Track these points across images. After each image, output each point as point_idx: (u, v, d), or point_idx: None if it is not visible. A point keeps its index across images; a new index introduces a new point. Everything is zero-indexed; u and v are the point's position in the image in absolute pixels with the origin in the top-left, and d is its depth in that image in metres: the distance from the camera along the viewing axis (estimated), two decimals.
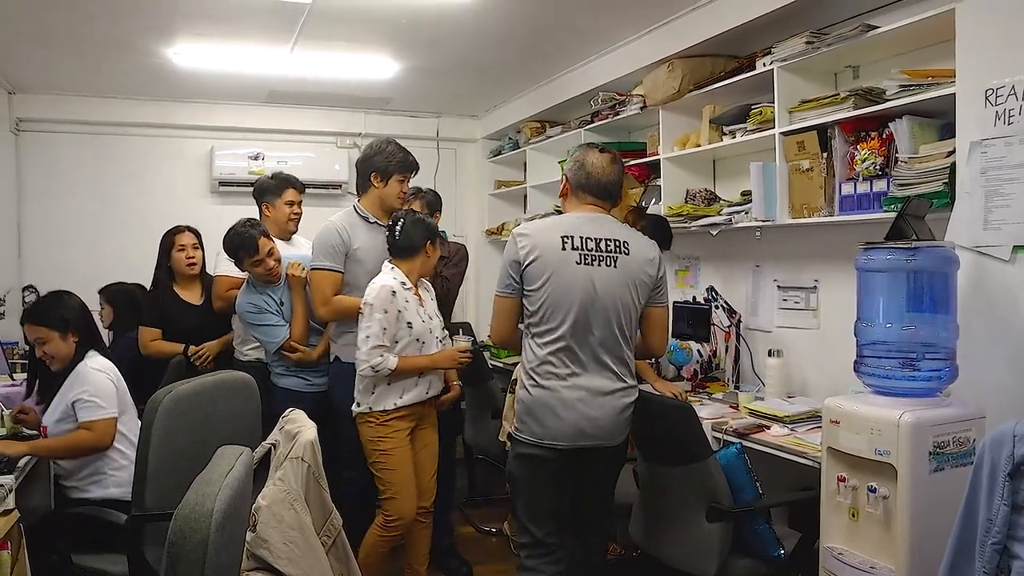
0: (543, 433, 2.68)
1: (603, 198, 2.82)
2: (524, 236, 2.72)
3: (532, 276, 2.68)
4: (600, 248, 2.70)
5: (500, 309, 2.79)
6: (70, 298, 3.23)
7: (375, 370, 3.14)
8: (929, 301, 2.57)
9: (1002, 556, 1.87)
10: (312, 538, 2.36)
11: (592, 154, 2.82)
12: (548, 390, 2.67)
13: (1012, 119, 2.50)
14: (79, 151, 5.83)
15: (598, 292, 2.67)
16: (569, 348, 2.67)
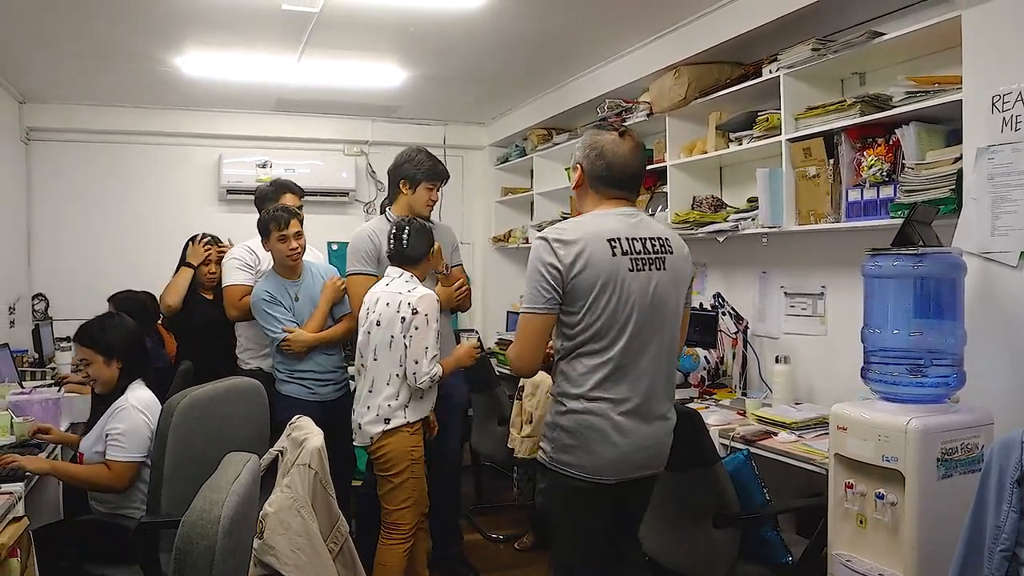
0: (592, 466, 2.31)
1: (629, 190, 2.44)
2: (566, 242, 2.27)
3: (580, 289, 2.26)
4: (648, 250, 2.35)
5: (533, 331, 2.33)
6: (121, 323, 3.15)
7: (434, 380, 3.16)
8: (936, 307, 2.56)
9: (1011, 563, 1.87)
10: (319, 545, 2.36)
11: (611, 139, 2.39)
12: (597, 416, 2.29)
13: (1019, 125, 2.49)
14: (88, 160, 5.87)
15: (654, 301, 2.32)
16: (622, 367, 2.30)
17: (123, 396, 3.00)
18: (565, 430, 2.32)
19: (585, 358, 2.30)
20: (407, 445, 3.19)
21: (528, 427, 3.71)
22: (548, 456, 2.37)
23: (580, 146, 2.45)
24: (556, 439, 2.34)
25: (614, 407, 2.29)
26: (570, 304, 2.28)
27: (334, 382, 3.74)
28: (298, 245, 3.69)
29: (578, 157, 2.45)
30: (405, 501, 3.21)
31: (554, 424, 2.35)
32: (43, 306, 5.72)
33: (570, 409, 2.31)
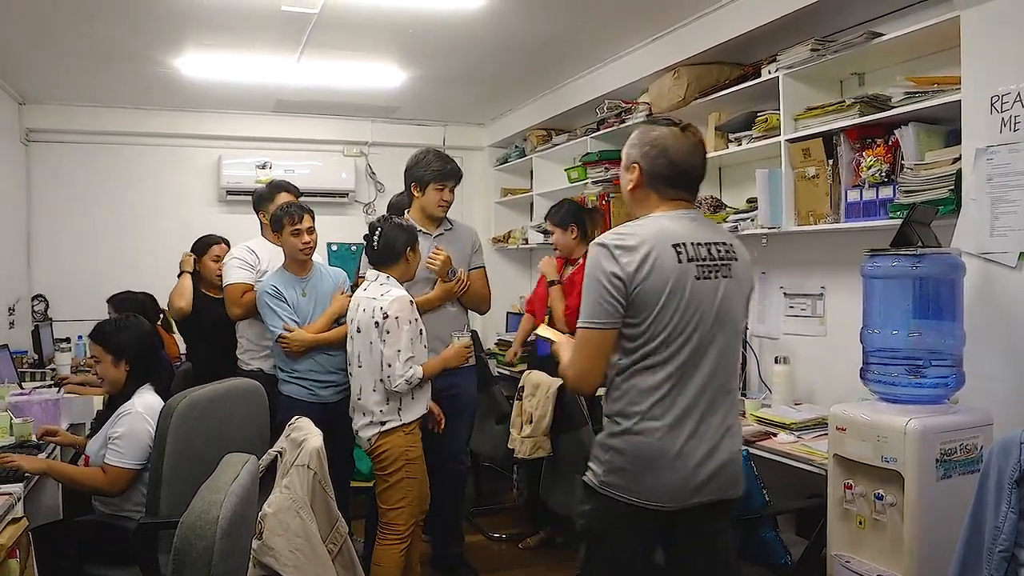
0: (649, 490, 2.09)
1: (691, 191, 2.23)
2: (629, 248, 2.05)
3: (646, 299, 2.04)
4: (713, 256, 2.14)
5: (595, 347, 2.10)
6: (137, 326, 3.13)
7: (410, 383, 3.15)
8: (935, 308, 2.56)
9: (1010, 564, 1.87)
10: (318, 545, 2.36)
11: (672, 135, 2.16)
12: (656, 438, 2.08)
13: (1018, 126, 2.50)
14: (88, 161, 5.87)
15: (719, 312, 2.12)
16: (684, 384, 2.09)
17: (130, 401, 2.99)
18: (619, 452, 2.11)
19: (645, 374, 2.09)
20: (402, 445, 3.21)
21: (528, 427, 3.71)
22: (598, 479, 2.15)
23: (635, 143, 2.21)
24: (608, 461, 2.12)
25: (674, 427, 2.08)
26: (633, 315, 2.06)
27: (335, 384, 3.74)
28: (311, 239, 3.72)
29: (633, 155, 2.20)
30: (400, 501, 3.23)
31: (606, 445, 2.15)
32: (43, 307, 5.72)
33: (626, 429, 2.10)
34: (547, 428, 3.64)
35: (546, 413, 3.62)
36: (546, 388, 3.67)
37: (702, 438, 2.10)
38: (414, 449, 3.25)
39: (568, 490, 3.64)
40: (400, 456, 3.21)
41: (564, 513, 3.75)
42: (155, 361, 3.17)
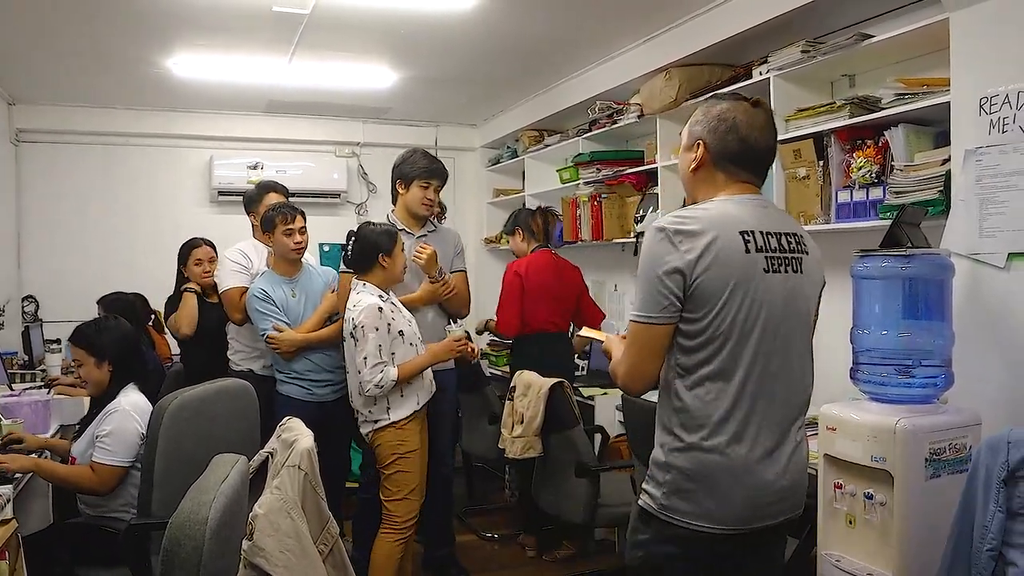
0: (718, 513, 1.86)
1: (760, 174, 2.01)
2: (690, 233, 1.82)
3: (707, 292, 1.82)
4: (784, 247, 1.92)
5: (647, 344, 1.88)
6: (117, 327, 3.13)
7: (379, 387, 3.18)
8: (925, 308, 2.57)
9: (997, 563, 1.88)
10: (309, 546, 2.35)
11: (744, 109, 1.95)
12: (723, 452, 1.85)
13: (1006, 127, 2.50)
14: (79, 161, 5.85)
15: (788, 310, 1.91)
16: (752, 390, 1.87)
17: (116, 400, 2.98)
18: (682, 471, 1.87)
19: (708, 381, 1.85)
20: (395, 440, 3.26)
21: (519, 427, 3.71)
22: (656, 503, 1.91)
23: (699, 118, 2.00)
24: (670, 482, 1.89)
25: (746, 440, 1.86)
26: (692, 310, 1.83)
27: (332, 383, 3.75)
28: (302, 239, 3.74)
29: (698, 132, 1.99)
30: (395, 493, 3.27)
31: (666, 464, 1.90)
32: (33, 308, 5.70)
33: (691, 445, 1.86)
34: (538, 428, 3.64)
35: (537, 413, 3.62)
36: (537, 388, 3.68)
37: (776, 453, 1.89)
38: (406, 444, 3.27)
39: (559, 490, 3.65)
40: (392, 450, 3.26)
41: (554, 513, 3.75)
42: (138, 361, 3.16)
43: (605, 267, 5.50)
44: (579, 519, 3.54)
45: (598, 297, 5.58)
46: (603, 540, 4.43)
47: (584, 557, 4.28)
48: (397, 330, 3.26)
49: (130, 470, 2.92)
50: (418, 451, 3.31)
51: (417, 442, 3.31)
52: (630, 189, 4.77)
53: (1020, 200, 2.47)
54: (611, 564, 4.17)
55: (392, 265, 3.33)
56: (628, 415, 3.22)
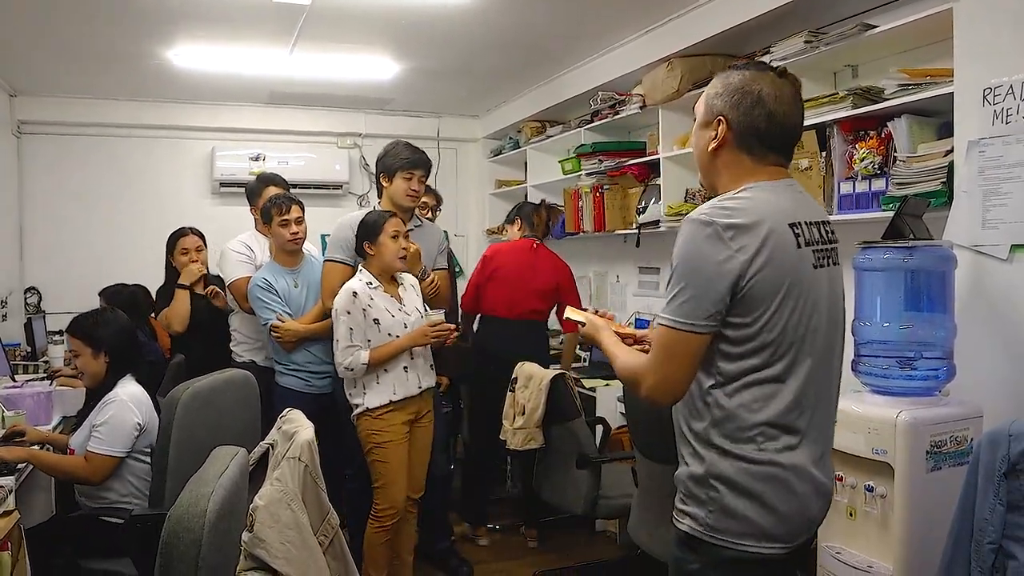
0: (777, 529, 1.66)
1: (789, 156, 1.79)
2: (743, 227, 1.61)
3: (760, 295, 1.62)
4: (824, 238, 1.74)
5: (686, 353, 1.65)
6: (114, 318, 3.13)
7: (349, 368, 3.26)
8: (927, 300, 2.57)
9: (997, 555, 1.88)
10: (309, 537, 2.35)
11: (769, 80, 1.72)
12: (769, 464, 1.66)
13: (1010, 118, 2.49)
14: (81, 153, 5.84)
15: (832, 309, 1.75)
16: (804, 395, 1.67)
17: (113, 391, 2.98)
18: (731, 484, 1.66)
19: (756, 386, 1.66)
20: (368, 429, 3.32)
21: (520, 419, 3.71)
22: (703, 525, 1.69)
23: (719, 91, 1.75)
24: (716, 499, 1.67)
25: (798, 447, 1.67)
26: (741, 314, 1.63)
27: (332, 375, 3.75)
28: (299, 230, 3.75)
29: (719, 106, 1.74)
30: (376, 481, 3.34)
31: (712, 480, 1.68)
32: (36, 299, 5.71)
33: (740, 457, 1.66)
34: (539, 420, 3.64)
35: (539, 405, 3.62)
36: (539, 380, 3.67)
37: (824, 458, 1.74)
38: (382, 435, 3.31)
39: (560, 482, 3.65)
40: (367, 439, 3.33)
41: (555, 504, 3.76)
42: (135, 353, 3.15)
43: (607, 258, 5.50)
44: (580, 510, 3.54)
45: (599, 289, 5.59)
46: (604, 531, 4.44)
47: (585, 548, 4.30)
48: (373, 317, 3.29)
49: (128, 460, 2.93)
50: (395, 444, 3.32)
51: (395, 435, 3.32)
52: (632, 180, 4.76)
53: (1023, 191, 2.46)
54: (612, 555, 4.18)
55: (378, 251, 3.35)
56: (629, 407, 3.22)
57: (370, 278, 3.35)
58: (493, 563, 4.09)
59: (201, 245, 4.27)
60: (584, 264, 5.80)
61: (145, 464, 2.98)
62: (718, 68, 3.97)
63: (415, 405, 3.40)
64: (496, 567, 4.05)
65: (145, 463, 2.98)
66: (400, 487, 3.35)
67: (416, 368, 3.40)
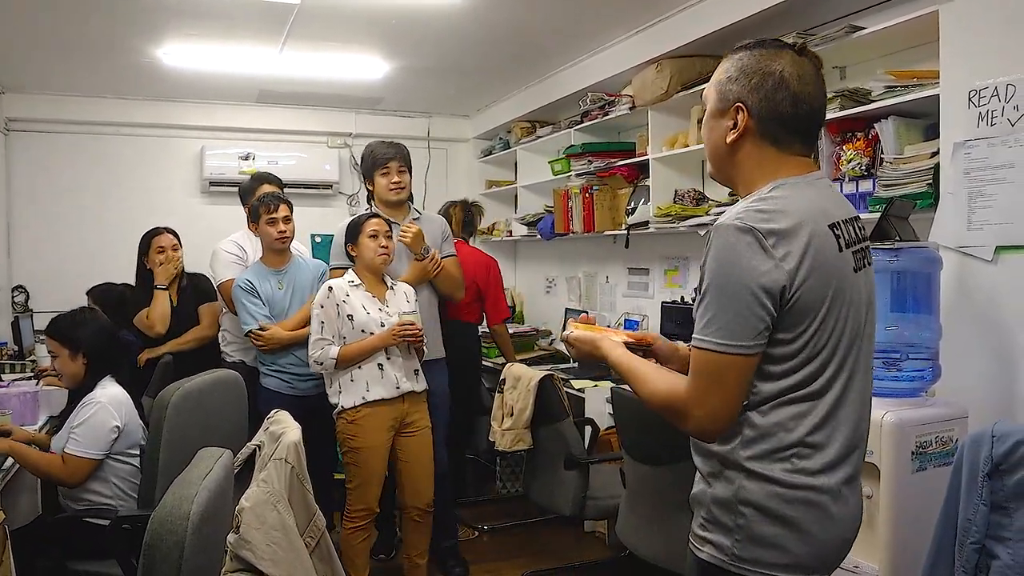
0: (812, 556, 1.52)
1: (815, 141, 1.62)
2: (783, 233, 1.44)
3: (804, 308, 1.46)
4: (859, 237, 1.58)
5: (737, 378, 1.47)
6: (93, 319, 3.11)
7: (318, 362, 3.31)
8: (912, 301, 2.58)
9: (981, 555, 1.89)
10: (295, 539, 2.35)
11: (790, 60, 1.53)
12: (805, 488, 1.50)
13: (995, 120, 2.51)
14: (69, 151, 5.81)
15: (868, 312, 1.60)
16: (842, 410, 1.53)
17: (93, 392, 2.96)
18: (760, 509, 1.50)
19: (793, 404, 1.50)
20: (344, 432, 3.36)
21: (509, 420, 3.71)
22: (728, 555, 1.53)
23: (733, 74, 1.56)
24: (745, 527, 1.51)
25: (833, 468, 1.52)
26: (786, 329, 1.47)
27: (315, 377, 3.73)
28: (287, 229, 3.74)
29: (735, 92, 1.55)
30: (349, 482, 3.40)
31: (736, 503, 1.52)
32: (23, 298, 5.67)
33: (773, 479, 1.50)
34: (528, 421, 3.64)
35: (527, 406, 3.62)
36: (527, 380, 3.67)
37: (857, 479, 1.59)
38: (356, 439, 3.33)
39: (548, 482, 3.66)
40: (343, 440, 3.39)
41: (544, 505, 3.76)
42: (115, 354, 3.13)
43: (597, 259, 5.50)
44: (568, 511, 3.55)
45: (589, 290, 5.59)
46: (593, 532, 4.45)
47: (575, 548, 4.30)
48: (347, 313, 3.32)
49: (109, 462, 2.91)
50: (369, 451, 3.33)
51: (370, 442, 3.33)
52: (621, 181, 4.76)
53: (1008, 193, 2.47)
54: (601, 556, 4.18)
55: (359, 252, 3.42)
56: (618, 408, 3.22)
57: (352, 276, 3.41)
58: (483, 563, 4.09)
59: (176, 244, 4.20)
60: (573, 265, 5.80)
61: (129, 465, 2.97)
62: (707, 69, 3.98)
63: (395, 411, 3.38)
64: (485, 567, 4.05)
65: (129, 464, 2.97)
66: (371, 491, 3.37)
67: (394, 367, 3.38)
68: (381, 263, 3.41)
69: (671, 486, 2.85)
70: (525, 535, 4.49)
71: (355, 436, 3.32)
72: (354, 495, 3.37)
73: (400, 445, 3.43)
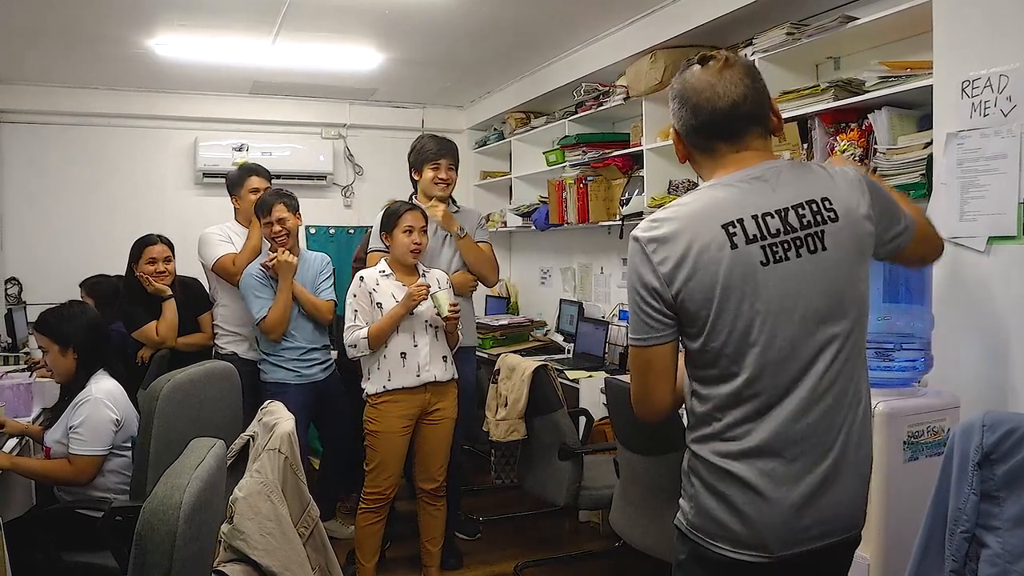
0: (745, 534, 1.61)
1: (742, 135, 1.66)
2: (663, 240, 1.59)
3: (692, 307, 1.59)
4: (791, 226, 1.59)
5: (644, 367, 1.67)
6: (81, 313, 3.08)
7: (352, 345, 3.34)
8: (905, 292, 2.58)
9: (971, 545, 1.89)
10: (289, 529, 2.35)
11: (688, 75, 1.68)
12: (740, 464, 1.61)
13: (988, 111, 2.50)
14: (62, 142, 5.79)
15: (807, 301, 1.59)
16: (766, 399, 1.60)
17: (87, 388, 2.95)
18: (703, 482, 1.65)
19: (718, 397, 1.63)
20: (367, 415, 3.43)
21: (503, 410, 3.72)
22: (687, 519, 1.70)
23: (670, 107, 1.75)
24: (695, 496, 1.67)
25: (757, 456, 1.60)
26: (687, 325, 1.62)
27: (320, 361, 3.77)
28: (282, 229, 3.71)
29: (672, 122, 1.75)
30: (367, 464, 3.47)
31: (688, 473, 1.71)
32: (16, 290, 5.66)
33: (701, 457, 1.66)
34: (522, 411, 3.65)
35: (521, 396, 3.63)
36: (522, 371, 3.68)
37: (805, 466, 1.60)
38: (375, 423, 3.40)
39: (543, 473, 3.66)
40: (365, 423, 3.45)
41: (538, 495, 3.77)
42: (105, 348, 3.12)
43: (591, 250, 5.50)
44: (563, 501, 3.55)
45: (583, 280, 5.59)
46: (588, 522, 4.46)
47: (569, 539, 4.31)
48: (376, 301, 3.36)
49: (109, 458, 2.91)
50: (387, 436, 3.39)
51: (389, 428, 3.38)
52: (616, 172, 4.76)
53: (1000, 184, 2.47)
54: (596, 546, 4.19)
55: (392, 243, 3.44)
56: (612, 399, 3.23)
57: (384, 266, 3.46)
58: (476, 554, 4.10)
59: (169, 255, 4.00)
60: (568, 255, 5.80)
61: (123, 457, 2.97)
62: None
63: (417, 400, 3.42)
64: (479, 558, 4.06)
65: (123, 456, 2.97)
66: (389, 476, 3.42)
67: (418, 356, 3.39)
68: (413, 259, 3.44)
69: (664, 476, 2.86)
70: (519, 525, 4.50)
71: (375, 420, 3.40)
72: (369, 477, 3.44)
73: (421, 430, 3.49)
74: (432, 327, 3.44)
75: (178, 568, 1.47)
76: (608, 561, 4.04)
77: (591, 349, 4.88)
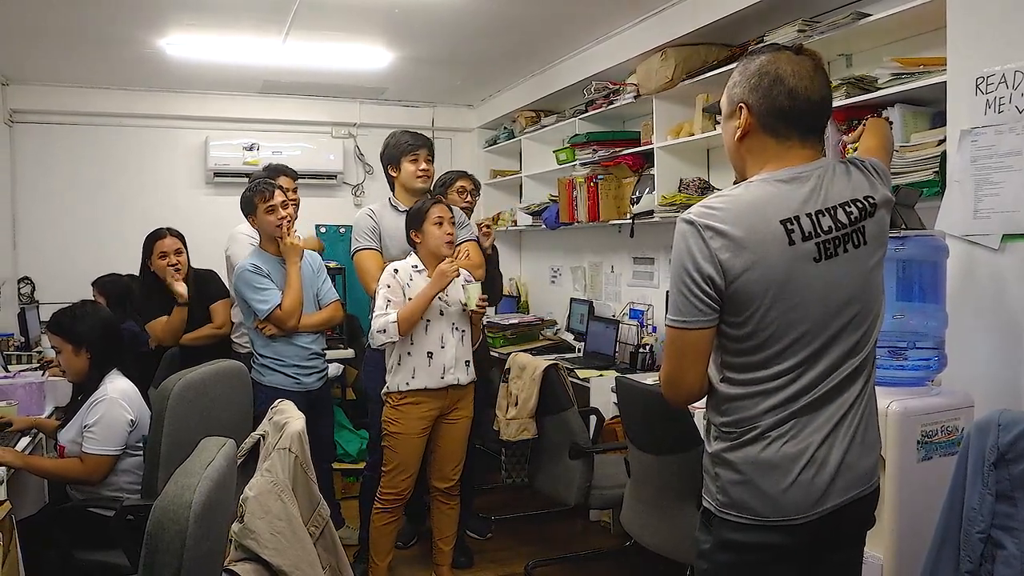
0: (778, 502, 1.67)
1: (816, 131, 1.72)
2: (716, 228, 1.62)
3: (746, 298, 1.63)
4: (841, 223, 1.67)
5: (682, 349, 1.71)
6: (94, 313, 3.07)
7: (381, 330, 3.28)
8: (918, 290, 2.56)
9: (986, 545, 1.88)
10: (299, 528, 2.35)
11: (787, 58, 1.69)
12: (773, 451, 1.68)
13: (1002, 107, 2.48)
14: (73, 142, 5.82)
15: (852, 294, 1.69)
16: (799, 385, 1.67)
17: (101, 388, 2.96)
18: (731, 466, 1.71)
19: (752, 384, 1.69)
20: (387, 415, 3.41)
21: (513, 409, 3.72)
22: (715, 501, 1.74)
23: (736, 79, 1.74)
24: (722, 477, 1.73)
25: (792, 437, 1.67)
26: (732, 313, 1.65)
27: (317, 369, 3.72)
28: (286, 214, 3.60)
29: (738, 94, 1.72)
30: (384, 465, 3.44)
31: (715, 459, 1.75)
32: (29, 289, 5.69)
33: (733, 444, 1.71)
34: (532, 410, 3.64)
35: (531, 395, 3.62)
36: (532, 370, 3.67)
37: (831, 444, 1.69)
38: (395, 424, 3.37)
39: (553, 472, 3.66)
40: (385, 423, 3.42)
41: (549, 494, 3.76)
42: (118, 347, 3.11)
43: (602, 249, 5.49)
44: (573, 501, 3.55)
45: (594, 279, 5.58)
46: (599, 521, 4.45)
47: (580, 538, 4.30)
48: (409, 296, 3.33)
49: (122, 458, 2.92)
50: (406, 438, 3.37)
51: (409, 429, 3.36)
52: (626, 170, 4.74)
53: (1015, 181, 2.45)
54: (607, 545, 4.18)
55: (424, 239, 3.39)
56: (623, 398, 3.22)
57: (416, 261, 3.42)
58: (487, 553, 4.09)
59: (180, 248, 3.98)
60: (578, 254, 5.79)
61: (136, 457, 2.97)
62: (712, 58, 3.96)
63: (438, 402, 3.41)
64: (490, 557, 4.05)
65: (136, 456, 2.97)
66: (407, 477, 3.41)
67: (444, 357, 3.37)
68: (448, 250, 3.41)
69: (675, 475, 2.85)
70: (529, 525, 4.49)
71: (396, 421, 3.37)
72: (387, 478, 3.42)
73: (439, 429, 3.48)
74: (459, 330, 3.44)
75: (188, 567, 1.47)
76: (619, 560, 4.03)
77: (601, 348, 4.87)
